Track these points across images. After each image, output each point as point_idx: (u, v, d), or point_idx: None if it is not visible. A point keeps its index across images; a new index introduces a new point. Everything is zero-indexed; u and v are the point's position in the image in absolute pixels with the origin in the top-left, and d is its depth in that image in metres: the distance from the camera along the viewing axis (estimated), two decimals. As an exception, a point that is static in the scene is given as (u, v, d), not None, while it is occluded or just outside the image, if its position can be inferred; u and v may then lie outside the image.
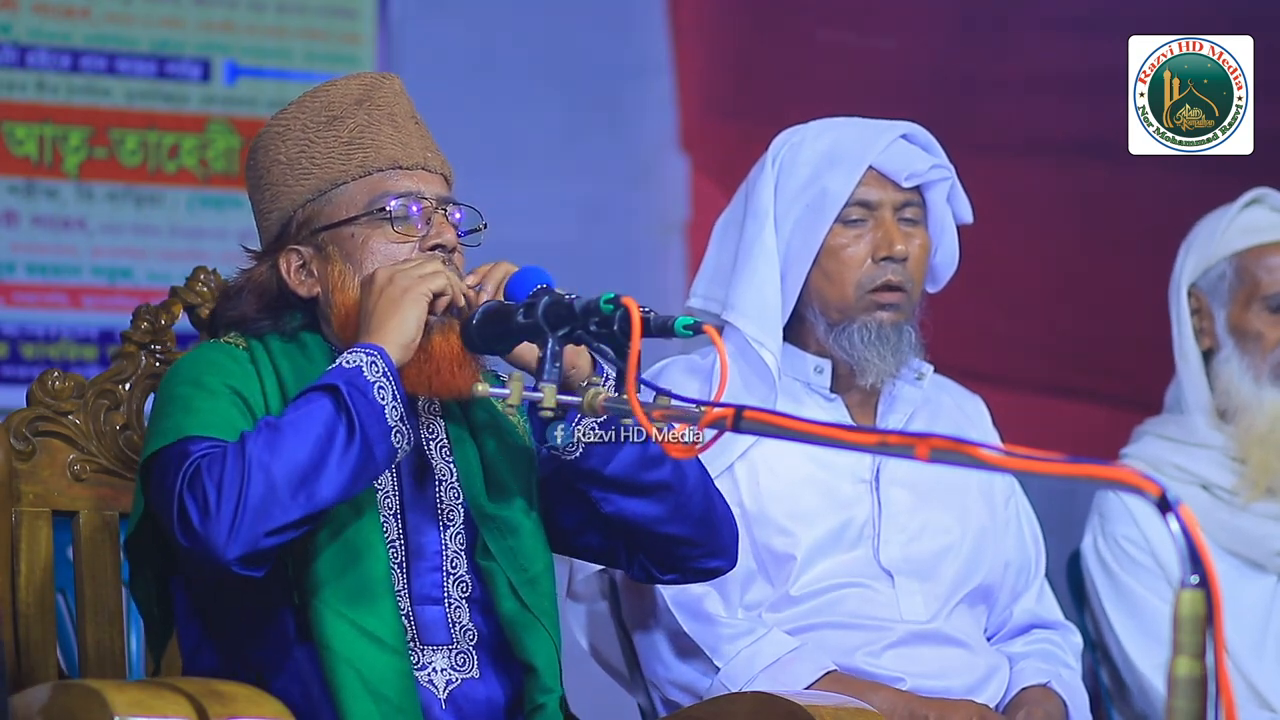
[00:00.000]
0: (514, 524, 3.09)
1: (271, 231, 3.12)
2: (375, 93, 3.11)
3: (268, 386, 3.02)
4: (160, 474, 2.92)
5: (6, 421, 3.22)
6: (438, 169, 3.12)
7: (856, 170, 3.52)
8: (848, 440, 2.57)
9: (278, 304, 3.09)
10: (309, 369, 3.03)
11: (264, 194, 3.12)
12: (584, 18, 5.75)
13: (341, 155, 3.07)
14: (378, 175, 3.07)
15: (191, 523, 2.83)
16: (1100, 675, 4.10)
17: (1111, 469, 2.21)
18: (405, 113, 3.12)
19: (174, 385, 3.03)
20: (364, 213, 3.05)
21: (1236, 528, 3.99)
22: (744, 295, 3.54)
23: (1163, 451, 4.06)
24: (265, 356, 3.06)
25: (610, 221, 5.72)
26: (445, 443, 3.13)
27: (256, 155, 3.14)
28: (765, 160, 3.60)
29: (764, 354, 3.50)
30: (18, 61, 5.19)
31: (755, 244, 3.54)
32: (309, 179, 3.07)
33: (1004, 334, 5.55)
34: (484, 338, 2.98)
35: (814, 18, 5.81)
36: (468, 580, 3.08)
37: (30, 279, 5.23)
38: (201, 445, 2.91)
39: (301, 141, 3.09)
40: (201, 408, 2.96)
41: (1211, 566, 2.10)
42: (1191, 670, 2.10)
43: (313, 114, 3.10)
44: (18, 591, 3.17)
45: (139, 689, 2.77)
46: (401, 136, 3.09)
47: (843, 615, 3.49)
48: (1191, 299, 4.07)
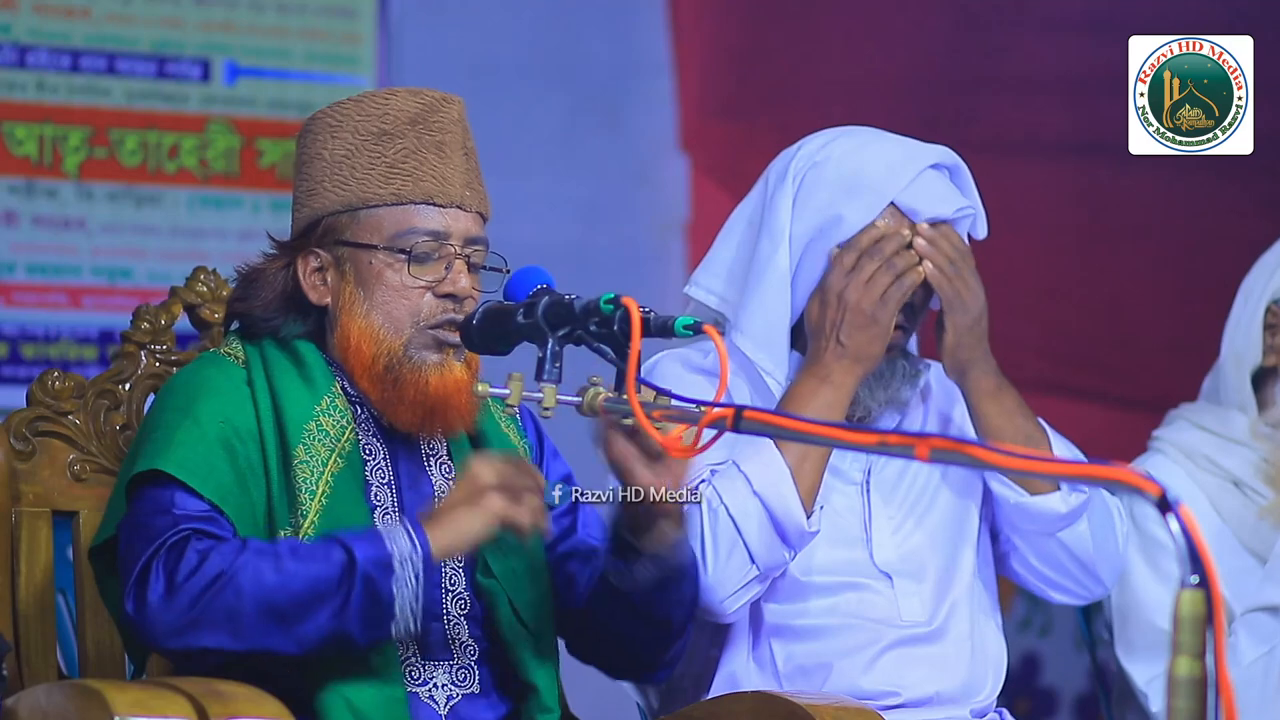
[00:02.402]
0: (516, 544, 3.07)
1: (299, 225, 3.11)
2: (432, 115, 3.07)
3: (262, 412, 3.01)
4: (136, 516, 2.92)
5: (6, 421, 3.22)
6: (474, 206, 3.09)
7: (877, 205, 3.44)
8: (847, 440, 2.57)
9: (288, 304, 3.08)
10: (305, 393, 3.02)
11: (302, 183, 3.10)
12: (584, 18, 5.75)
13: (381, 176, 3.04)
14: (410, 207, 3.04)
15: (146, 597, 2.84)
16: (1100, 674, 4.10)
17: (1111, 469, 2.21)
18: (456, 142, 3.09)
19: (167, 404, 3.03)
20: (386, 245, 3.03)
21: (1262, 532, 3.96)
22: (753, 319, 3.49)
23: (1197, 442, 4.00)
24: (262, 375, 3.04)
25: (610, 221, 5.72)
26: (446, 460, 3.12)
27: (305, 139, 3.11)
28: (786, 174, 3.51)
29: (769, 381, 3.47)
30: (18, 61, 5.19)
31: (769, 265, 3.48)
32: (344, 190, 3.05)
33: (1004, 334, 5.54)
34: (484, 338, 2.98)
35: (814, 17, 5.81)
36: (466, 597, 3.07)
37: (30, 279, 5.23)
38: (188, 505, 2.90)
39: (349, 145, 3.06)
40: (184, 443, 2.95)
41: (1212, 567, 2.10)
42: (1191, 670, 2.10)
43: (367, 119, 3.07)
44: (18, 591, 3.17)
45: (139, 689, 2.77)
46: (445, 169, 3.06)
47: (842, 616, 3.48)
48: (1270, 314, 3.97)
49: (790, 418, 2.62)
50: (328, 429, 3.02)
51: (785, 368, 3.49)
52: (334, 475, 3.00)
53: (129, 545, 2.92)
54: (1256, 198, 4.85)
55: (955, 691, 3.50)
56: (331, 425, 3.02)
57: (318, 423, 3.01)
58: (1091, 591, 3.62)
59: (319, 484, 2.98)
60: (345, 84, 5.47)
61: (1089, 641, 4.08)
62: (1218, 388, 4.04)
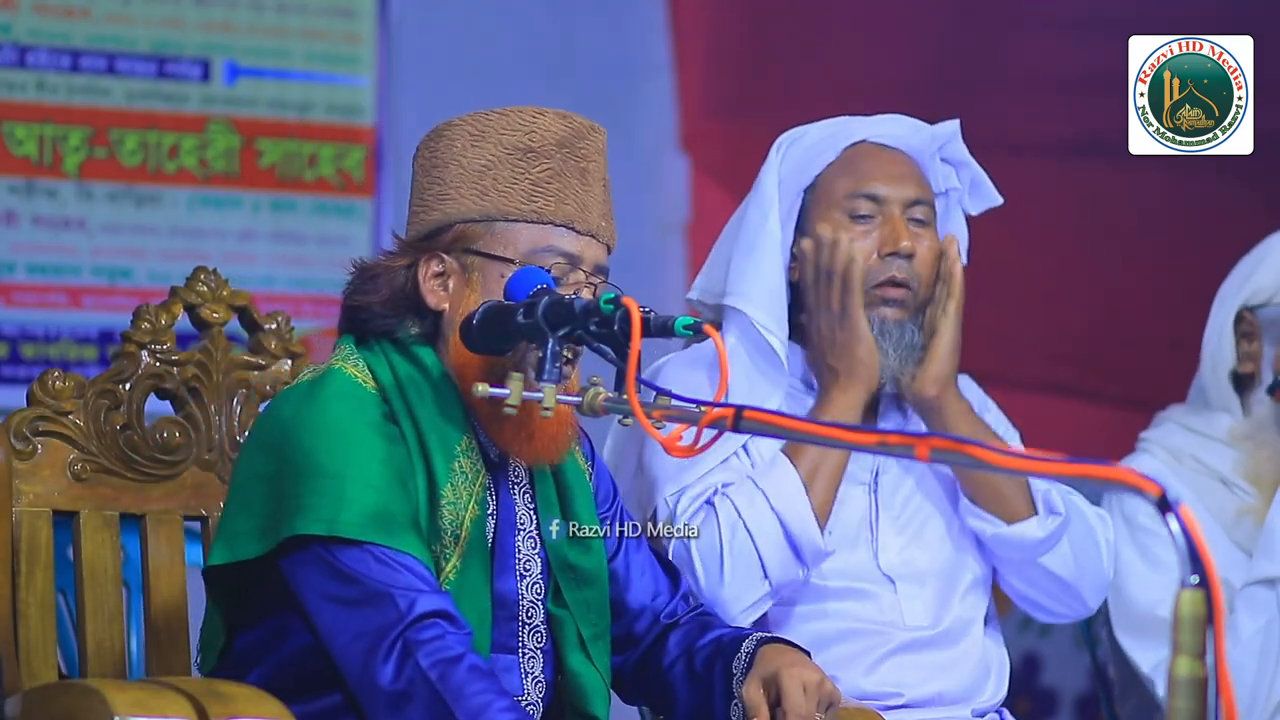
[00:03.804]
0: (591, 576, 3.09)
1: (423, 228, 3.07)
2: (579, 141, 3.07)
3: (411, 445, 2.97)
4: (352, 581, 2.89)
5: (6, 421, 3.22)
6: (605, 238, 3.08)
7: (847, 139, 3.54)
8: (847, 440, 2.57)
9: (405, 304, 3.05)
10: (447, 429, 2.99)
11: (432, 186, 3.07)
12: (584, 18, 5.76)
13: (524, 193, 3.03)
14: (550, 228, 3.03)
15: (375, 681, 2.84)
16: (1100, 674, 4.10)
17: (1111, 469, 2.21)
18: (598, 172, 3.09)
19: (315, 447, 2.95)
20: (521, 260, 3.01)
21: (1249, 527, 3.97)
22: (749, 281, 3.51)
23: (1184, 443, 4.02)
24: (400, 401, 3.00)
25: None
26: (528, 488, 3.11)
27: (439, 143, 3.09)
28: (771, 151, 3.58)
29: (771, 340, 3.49)
30: (18, 61, 5.20)
31: (759, 231, 3.52)
32: (484, 200, 3.03)
33: (1004, 334, 5.55)
34: (484, 338, 2.97)
35: (814, 18, 5.81)
36: (542, 630, 3.07)
37: (30, 279, 5.23)
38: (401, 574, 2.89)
39: (491, 156, 3.04)
40: (355, 499, 2.90)
41: (1212, 567, 2.10)
42: (1192, 670, 2.10)
43: (512, 134, 3.05)
44: (18, 591, 3.17)
45: (139, 689, 2.77)
46: (586, 197, 3.06)
47: (846, 621, 3.48)
48: (1244, 321, 3.99)
49: (790, 418, 2.61)
50: (467, 471, 3.00)
51: (785, 326, 3.51)
52: (472, 521, 2.99)
53: (342, 617, 2.89)
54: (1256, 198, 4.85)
55: (958, 693, 3.50)
56: (470, 467, 3.01)
57: (459, 464, 2.99)
58: (1076, 612, 3.63)
59: (461, 529, 2.97)
60: (345, 84, 5.47)
61: (1089, 641, 4.08)
62: (1203, 391, 4.06)
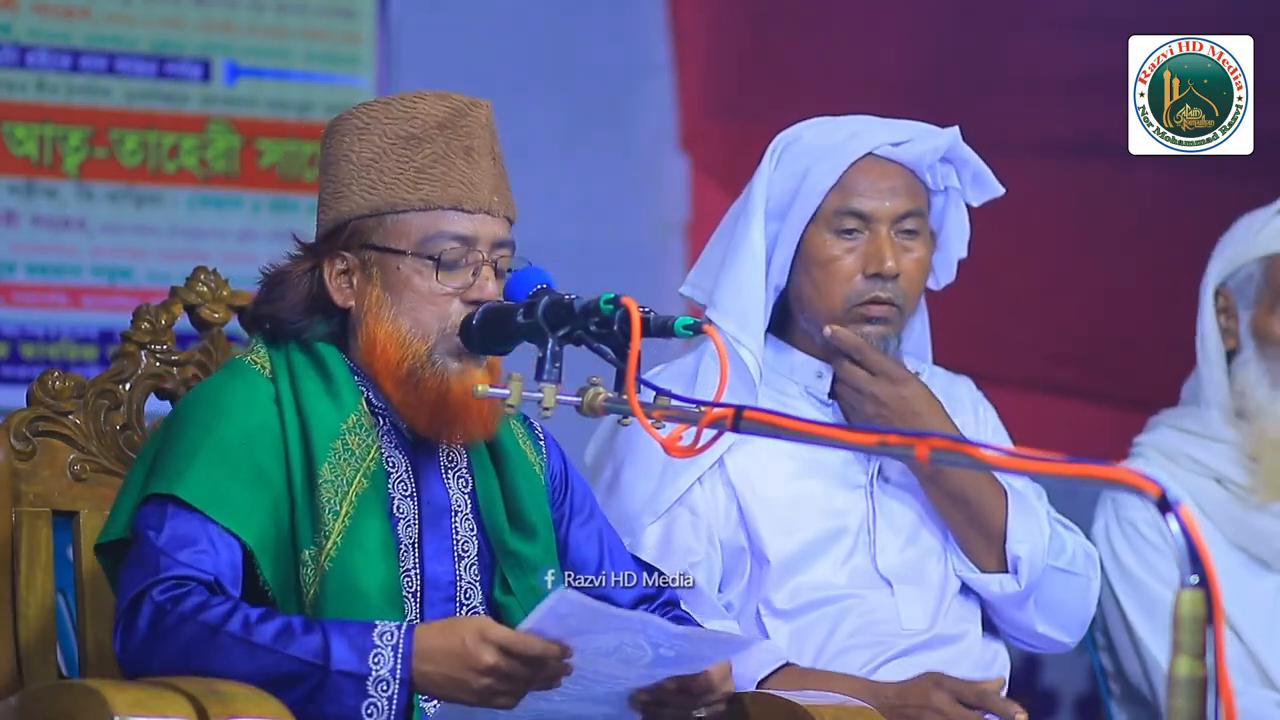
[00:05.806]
0: (536, 562, 3.08)
1: (325, 228, 3.10)
2: (460, 119, 3.08)
3: (289, 430, 3.00)
4: (144, 538, 2.92)
5: (6, 421, 3.22)
6: (501, 211, 3.09)
7: (845, 161, 3.50)
8: (847, 440, 2.57)
9: (313, 306, 3.07)
10: (332, 409, 3.01)
11: (328, 185, 3.10)
12: (584, 18, 5.75)
13: (409, 181, 3.04)
14: (438, 213, 3.04)
15: (131, 636, 2.86)
16: (1101, 673, 4.10)
17: (1111, 469, 2.21)
18: (484, 147, 3.10)
19: (192, 418, 3.02)
20: (414, 250, 3.03)
21: (1247, 524, 3.98)
22: (727, 294, 3.52)
23: (1178, 443, 4.05)
24: (289, 389, 3.03)
25: (610, 221, 5.72)
26: (465, 475, 3.12)
27: (331, 140, 3.11)
28: (765, 155, 3.57)
29: (743, 353, 3.48)
30: (18, 61, 5.19)
31: (743, 242, 3.52)
32: (372, 194, 3.05)
33: (1004, 334, 5.55)
34: (484, 338, 2.98)
35: (814, 18, 5.81)
36: (481, 613, 3.07)
37: (30, 279, 5.23)
38: (196, 539, 2.90)
39: (376, 149, 3.06)
40: (202, 465, 2.94)
41: (1211, 567, 2.10)
42: (1192, 670, 2.10)
43: (395, 122, 3.07)
44: (18, 591, 3.17)
45: (139, 689, 2.77)
46: (473, 174, 3.07)
47: (846, 627, 3.48)
48: (1220, 298, 4.04)
49: (789, 418, 2.61)
50: (354, 448, 3.01)
51: (759, 341, 3.50)
52: (358, 495, 2.99)
53: (131, 565, 2.93)
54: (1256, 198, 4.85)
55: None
56: (358, 444, 3.02)
57: (344, 441, 3.01)
58: (1052, 649, 3.67)
59: (343, 504, 2.98)
60: (345, 84, 5.47)
61: (1089, 642, 4.09)
62: (1198, 389, 4.08)
